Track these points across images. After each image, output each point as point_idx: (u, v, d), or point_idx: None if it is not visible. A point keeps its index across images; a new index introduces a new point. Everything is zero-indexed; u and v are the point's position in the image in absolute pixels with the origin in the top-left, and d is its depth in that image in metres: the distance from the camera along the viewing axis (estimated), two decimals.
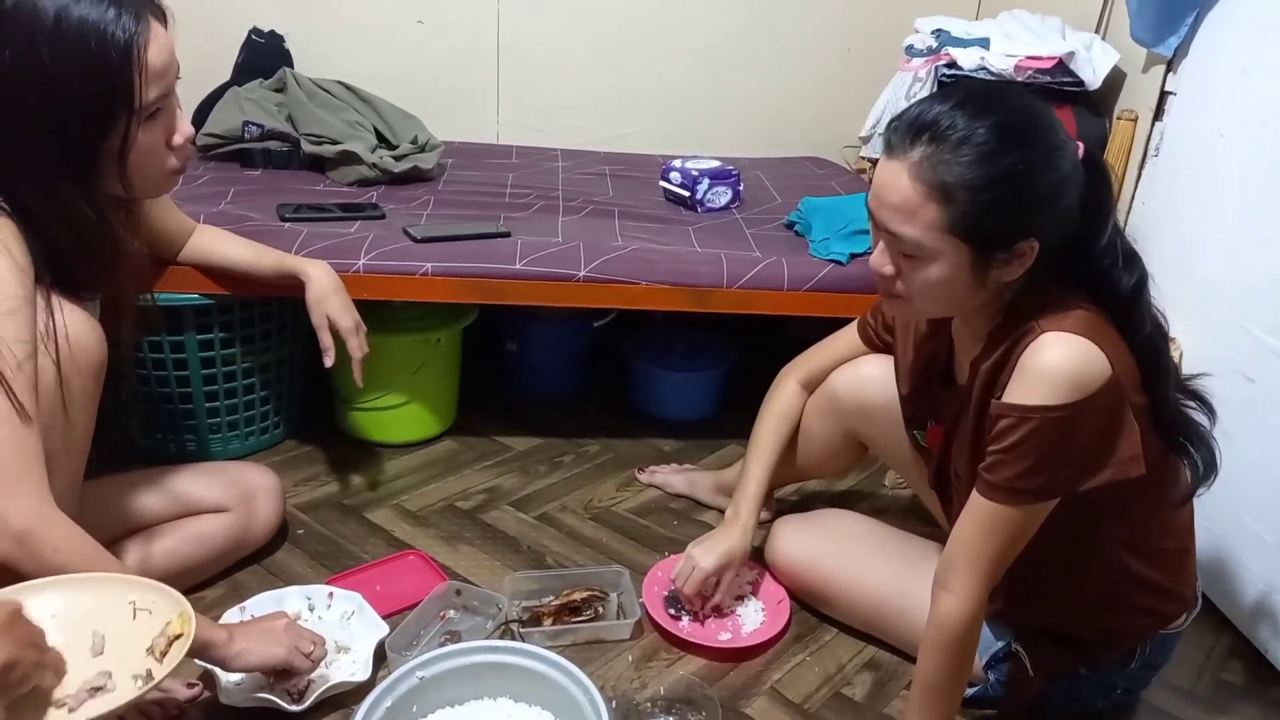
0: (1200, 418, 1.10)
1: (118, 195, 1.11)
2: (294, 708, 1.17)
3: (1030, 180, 0.96)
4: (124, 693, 0.90)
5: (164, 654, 0.94)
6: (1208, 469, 1.09)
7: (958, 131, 0.95)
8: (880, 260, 1.05)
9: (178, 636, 0.95)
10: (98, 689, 0.91)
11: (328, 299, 1.46)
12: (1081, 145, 1.01)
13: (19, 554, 0.97)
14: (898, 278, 1.04)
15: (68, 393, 1.06)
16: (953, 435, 1.17)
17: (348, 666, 1.26)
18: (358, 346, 1.48)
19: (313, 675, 1.20)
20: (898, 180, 0.97)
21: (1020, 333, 1.02)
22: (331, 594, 1.35)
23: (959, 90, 1.00)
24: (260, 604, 1.31)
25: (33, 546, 0.98)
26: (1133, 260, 1.05)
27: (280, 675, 1.16)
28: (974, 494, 1.05)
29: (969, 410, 1.11)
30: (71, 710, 0.88)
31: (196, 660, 1.12)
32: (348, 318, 1.47)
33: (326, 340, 1.46)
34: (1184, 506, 1.16)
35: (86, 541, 1.04)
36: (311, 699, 1.17)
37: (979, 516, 1.05)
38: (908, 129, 0.97)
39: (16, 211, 1.02)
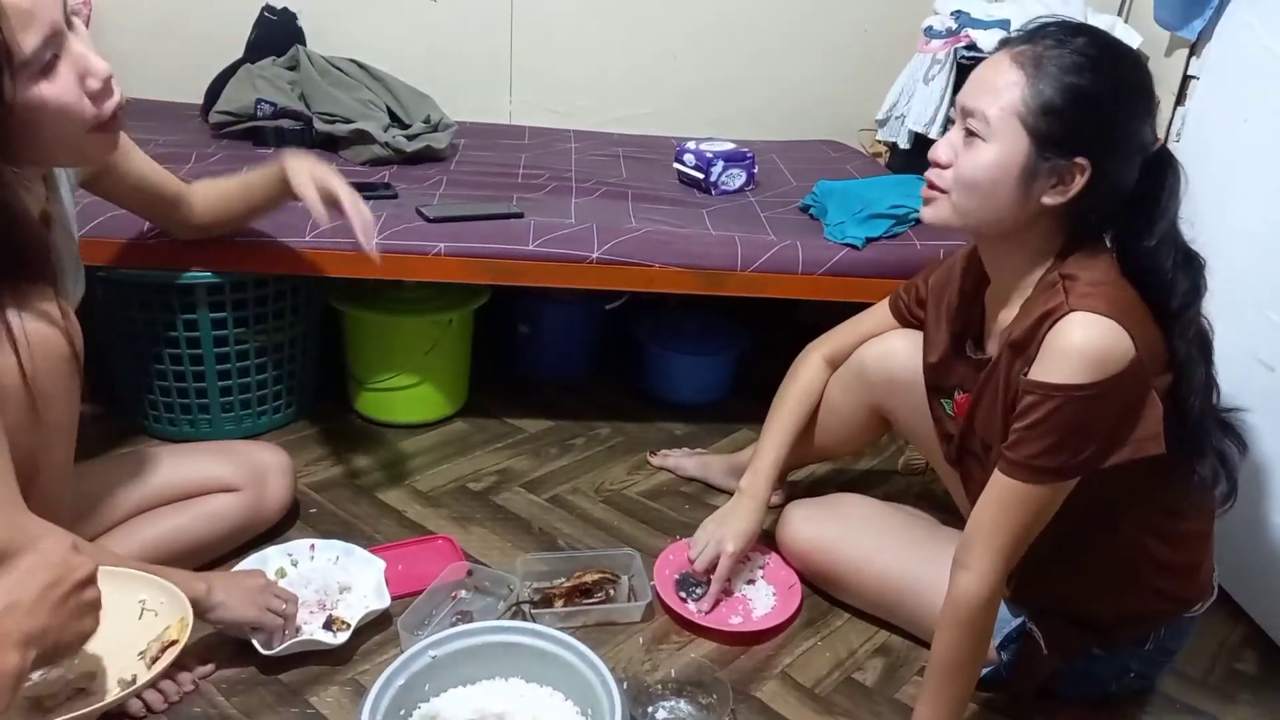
0: (1231, 449, 1.10)
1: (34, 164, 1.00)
2: (336, 642, 1.23)
3: (1109, 102, 1.01)
4: (104, 697, 0.90)
5: (155, 660, 0.93)
6: (1226, 494, 1.10)
7: (1065, 37, 1.02)
8: (942, 146, 1.09)
9: (172, 643, 0.94)
10: (80, 690, 0.90)
11: (314, 168, 1.33)
12: (1161, 141, 1.06)
13: None
14: (949, 168, 1.07)
15: (35, 388, 0.98)
16: (978, 405, 1.16)
17: (360, 602, 1.31)
18: (351, 207, 1.31)
19: (347, 616, 1.28)
20: (998, 63, 1.05)
21: (1050, 308, 1.02)
22: (314, 545, 1.39)
23: (1072, 20, 1.07)
24: (245, 565, 1.33)
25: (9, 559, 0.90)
26: (1191, 267, 1.06)
27: (253, 628, 1.19)
28: (996, 472, 1.06)
29: (996, 381, 1.11)
30: (48, 710, 0.88)
31: None
32: (333, 177, 1.31)
33: (314, 200, 1.30)
34: (1191, 514, 1.16)
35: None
36: (345, 635, 1.23)
37: (1000, 494, 1.05)
38: (1023, 31, 1.06)
39: None
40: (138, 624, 0.96)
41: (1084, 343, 0.98)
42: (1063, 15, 1.12)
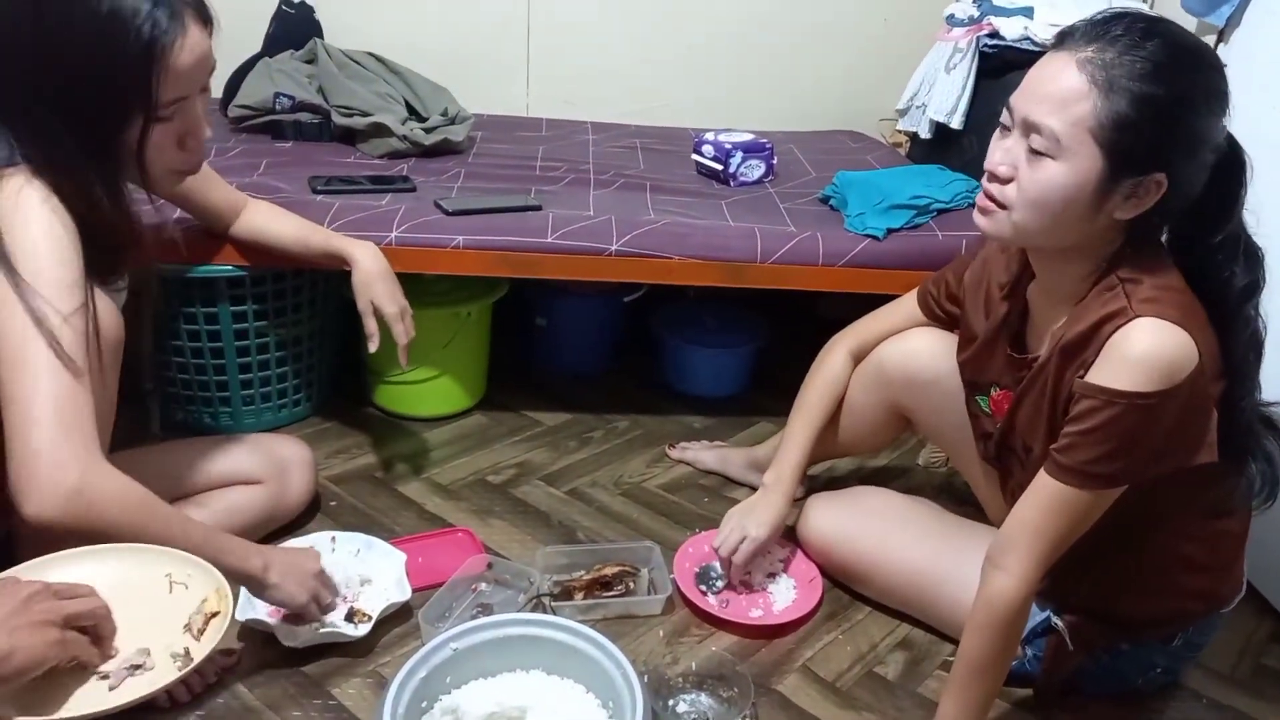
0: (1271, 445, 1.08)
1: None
2: (358, 635, 1.23)
3: (1187, 110, 0.95)
4: (164, 674, 0.91)
5: (201, 631, 0.94)
6: (1270, 488, 1.07)
7: (1135, 39, 0.94)
8: (1001, 158, 1.00)
9: (214, 614, 0.95)
10: (137, 666, 0.91)
11: (373, 284, 1.44)
12: (1226, 128, 1.00)
13: (73, 510, 0.95)
14: (1009, 182, 1.00)
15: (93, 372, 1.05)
16: (1020, 404, 1.14)
17: (381, 594, 1.31)
18: (403, 332, 1.46)
19: (368, 608, 1.28)
20: (1062, 69, 0.96)
21: (1112, 311, 0.99)
22: (334, 537, 1.39)
23: (1141, 14, 0.99)
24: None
25: (86, 502, 0.95)
26: (1252, 261, 1.02)
27: (291, 615, 1.20)
28: (1041, 474, 1.03)
29: (1043, 382, 1.09)
30: (113, 687, 0.89)
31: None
32: (392, 304, 1.45)
33: (371, 326, 1.45)
34: (1232, 515, 1.15)
35: (133, 491, 1.02)
36: (366, 627, 1.24)
37: (1045, 497, 1.02)
38: (1086, 28, 0.97)
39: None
40: (169, 598, 0.97)
41: (1151, 350, 0.95)
42: (1089, 8, 1.06)
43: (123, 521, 0.99)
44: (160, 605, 0.96)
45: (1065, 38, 0.99)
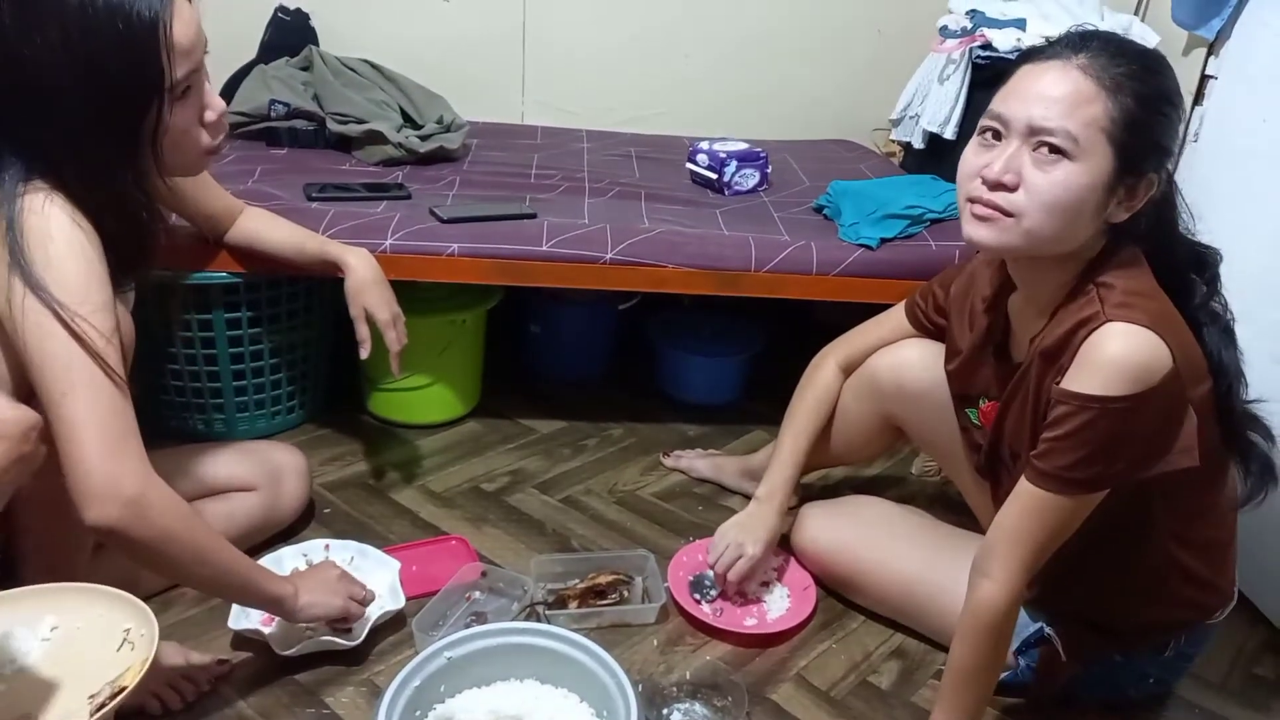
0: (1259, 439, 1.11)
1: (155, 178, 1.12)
2: (351, 643, 1.23)
3: (1174, 107, 1.00)
4: None
5: (101, 706, 0.86)
6: (1260, 484, 1.10)
7: (1112, 50, 0.99)
8: (1005, 167, 0.99)
9: (122, 689, 0.87)
10: None
11: (366, 290, 1.44)
12: None
13: (130, 518, 0.98)
14: (1014, 190, 0.99)
15: None
16: (1006, 413, 1.15)
17: (374, 602, 1.30)
18: (395, 339, 1.46)
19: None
20: (1064, 75, 0.98)
21: (1085, 317, 1.00)
22: (328, 545, 1.40)
23: (1100, 30, 1.03)
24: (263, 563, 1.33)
25: (141, 510, 0.98)
26: (1202, 254, 1.07)
27: (335, 621, 1.22)
28: (1022, 480, 1.04)
29: (1025, 389, 1.10)
30: None
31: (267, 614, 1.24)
32: (385, 310, 1.45)
33: (363, 332, 1.45)
34: (1234, 510, 1.16)
35: (183, 505, 1.05)
36: (363, 635, 1.24)
37: (1026, 503, 1.03)
38: (1068, 38, 1.01)
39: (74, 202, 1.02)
40: (114, 656, 0.91)
41: (1122, 354, 0.96)
42: (1083, 20, 1.10)
43: (178, 533, 1.02)
44: (96, 664, 0.90)
45: (1044, 52, 1.01)
